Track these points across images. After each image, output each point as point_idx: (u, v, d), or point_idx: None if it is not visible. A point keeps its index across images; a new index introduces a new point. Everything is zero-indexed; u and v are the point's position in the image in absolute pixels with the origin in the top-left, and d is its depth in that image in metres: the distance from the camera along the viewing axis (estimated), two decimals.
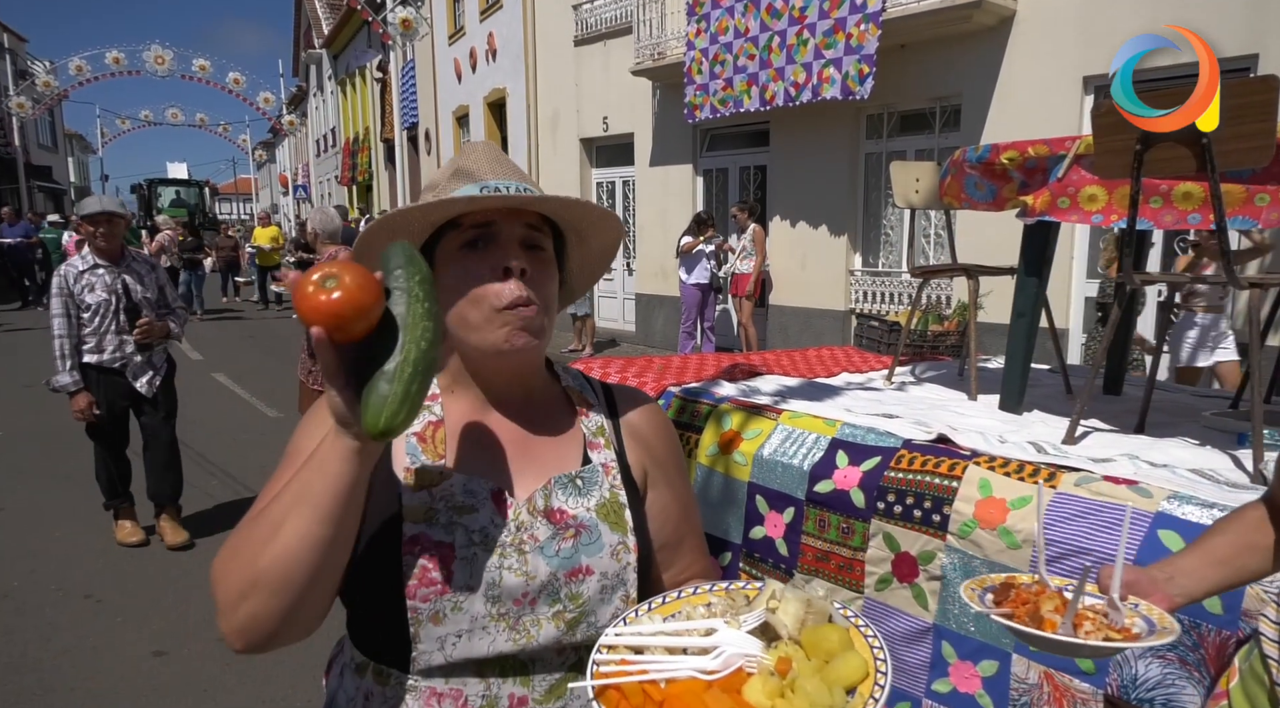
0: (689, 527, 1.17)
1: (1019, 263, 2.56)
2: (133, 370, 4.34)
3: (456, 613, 0.93)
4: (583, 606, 0.98)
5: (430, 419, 1.03)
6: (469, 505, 0.96)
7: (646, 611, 0.93)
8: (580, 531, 0.99)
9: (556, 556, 0.97)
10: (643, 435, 1.14)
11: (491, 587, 0.94)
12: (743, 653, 0.83)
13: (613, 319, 12.74)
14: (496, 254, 0.98)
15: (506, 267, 0.96)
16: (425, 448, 1.00)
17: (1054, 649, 0.99)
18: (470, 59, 16.37)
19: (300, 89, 35.66)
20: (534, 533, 0.97)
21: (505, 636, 0.95)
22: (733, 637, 0.85)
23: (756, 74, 8.97)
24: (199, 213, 25.55)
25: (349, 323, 0.78)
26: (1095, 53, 6.80)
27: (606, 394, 1.16)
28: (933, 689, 1.86)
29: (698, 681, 0.81)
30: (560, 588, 0.97)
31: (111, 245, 4.20)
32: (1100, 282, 6.49)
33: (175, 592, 3.93)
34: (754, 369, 2.95)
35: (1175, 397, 2.89)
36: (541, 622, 0.96)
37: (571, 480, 1.03)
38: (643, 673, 0.81)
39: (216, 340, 12.54)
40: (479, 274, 0.97)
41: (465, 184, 1.00)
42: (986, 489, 1.80)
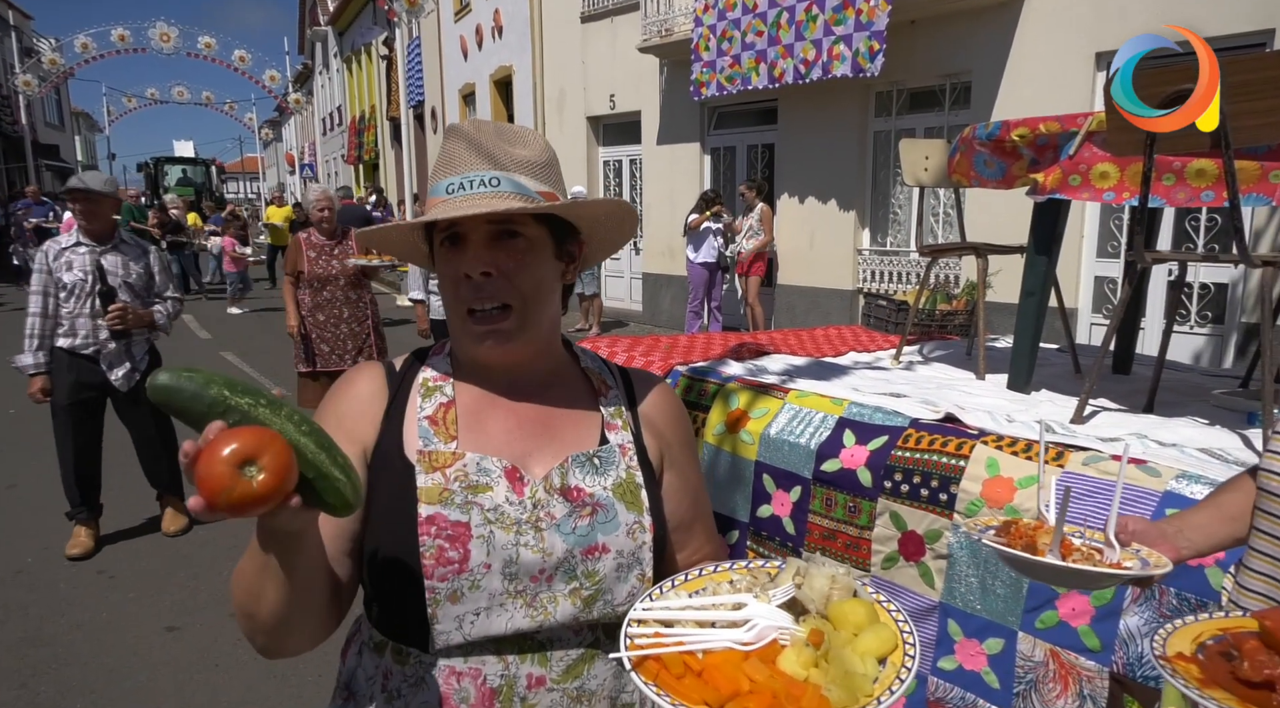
0: (700, 510, 1.19)
1: (1029, 241, 2.54)
2: (107, 359, 4.01)
3: (474, 591, 0.94)
4: (599, 583, 0.98)
5: (441, 401, 1.03)
6: (483, 484, 0.97)
7: (671, 587, 0.95)
8: (597, 509, 1.00)
9: (573, 533, 0.98)
10: (659, 419, 1.14)
11: (509, 564, 0.95)
12: (775, 625, 0.85)
13: (620, 299, 12.72)
14: (461, 257, 0.98)
15: (466, 273, 0.97)
16: (437, 430, 1.01)
17: (1041, 575, 0.99)
18: (476, 36, 16.24)
19: (306, 67, 35.47)
20: (550, 510, 0.98)
21: (523, 613, 0.96)
22: (763, 610, 0.87)
23: (765, 51, 8.87)
24: (206, 192, 25.55)
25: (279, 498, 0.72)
26: (1107, 28, 6.70)
27: (624, 378, 1.17)
28: (938, 667, 1.88)
29: (735, 651, 0.82)
30: (577, 565, 0.98)
31: (94, 224, 3.94)
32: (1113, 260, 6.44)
33: (187, 568, 3.97)
34: (761, 348, 2.95)
35: (1185, 376, 2.88)
36: (558, 599, 0.97)
37: (589, 459, 1.03)
38: (679, 644, 0.82)
39: (225, 319, 12.59)
40: (452, 271, 0.99)
41: (447, 175, 0.99)
42: (994, 468, 1.80)
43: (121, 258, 4.03)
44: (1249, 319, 6.21)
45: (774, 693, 0.76)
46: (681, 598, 0.92)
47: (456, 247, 0.99)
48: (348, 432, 1.01)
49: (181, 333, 11.26)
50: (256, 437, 0.71)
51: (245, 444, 0.70)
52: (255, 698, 2.95)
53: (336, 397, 1.06)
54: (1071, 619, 1.67)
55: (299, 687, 3.00)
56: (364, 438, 1.02)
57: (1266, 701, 0.71)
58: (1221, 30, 5.91)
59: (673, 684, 0.79)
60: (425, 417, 1.02)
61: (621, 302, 12.69)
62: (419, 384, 1.06)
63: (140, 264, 4.09)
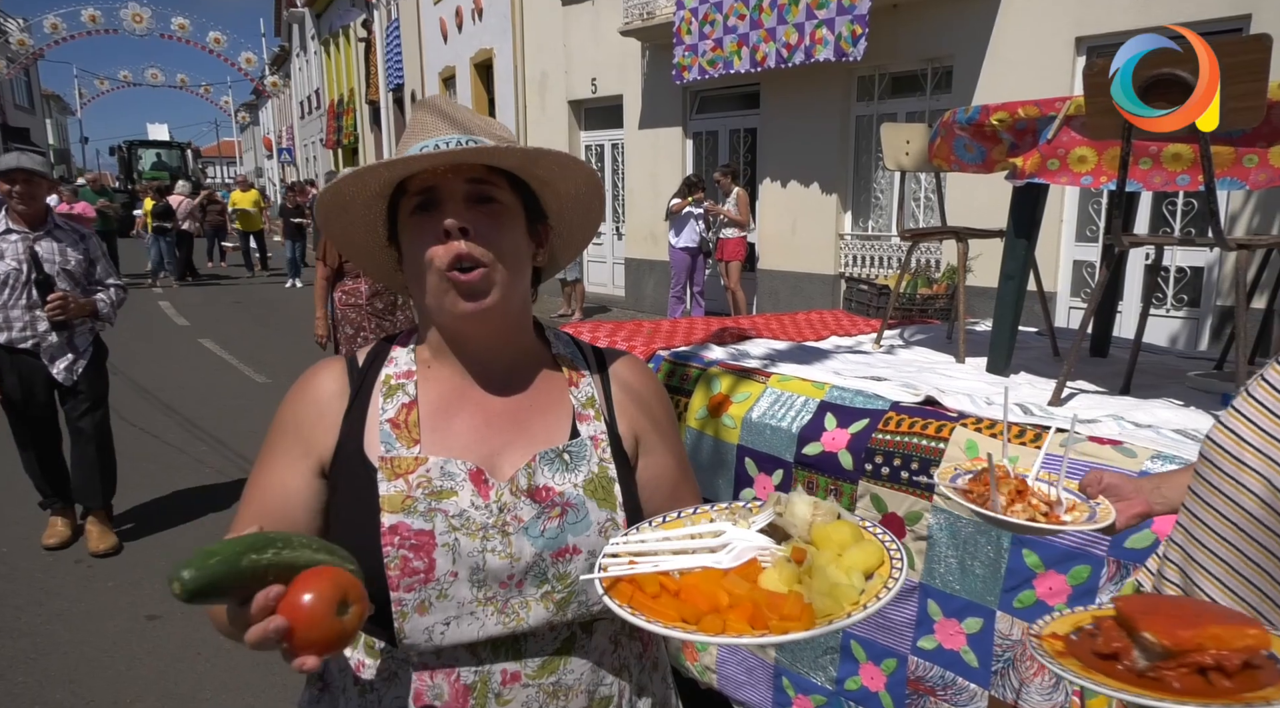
0: (688, 487, 1.14)
1: (1008, 225, 2.56)
2: (48, 352, 3.72)
3: (443, 601, 0.91)
4: (571, 585, 0.95)
5: (403, 401, 0.99)
6: (447, 489, 0.94)
7: (649, 527, 0.93)
8: (566, 509, 0.96)
9: (541, 536, 0.95)
10: (636, 399, 1.10)
11: (475, 571, 0.92)
12: (756, 546, 0.83)
13: (602, 284, 12.69)
14: (439, 216, 0.94)
15: (445, 228, 0.93)
16: (399, 434, 0.97)
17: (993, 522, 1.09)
18: (456, 18, 16.05)
19: (283, 49, 34.94)
20: (517, 513, 0.95)
21: (494, 619, 0.93)
22: (743, 534, 0.86)
23: (747, 34, 8.84)
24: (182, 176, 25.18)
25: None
26: (1087, 13, 6.72)
27: (598, 358, 1.12)
28: (918, 646, 1.90)
29: (713, 570, 0.81)
30: (547, 569, 0.95)
31: (30, 208, 3.65)
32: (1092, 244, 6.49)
33: (167, 556, 3.94)
34: (743, 333, 2.95)
35: (1161, 358, 2.91)
36: (530, 604, 0.94)
37: (558, 455, 0.99)
38: (654, 569, 0.81)
39: (203, 306, 12.45)
40: (424, 240, 0.94)
41: (417, 140, 0.97)
42: (973, 450, 1.82)
43: (57, 244, 3.72)
44: (1224, 302, 6.29)
45: (755, 604, 0.76)
46: (652, 532, 0.91)
47: (429, 212, 0.95)
48: (304, 441, 0.99)
49: (159, 320, 11.14)
50: (325, 580, 0.75)
51: (329, 592, 0.75)
52: (239, 684, 2.94)
53: (295, 401, 1.02)
54: (1049, 598, 1.70)
55: (283, 674, 2.99)
56: (321, 446, 0.99)
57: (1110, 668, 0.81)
58: (1199, 15, 5.94)
59: (647, 604, 0.78)
60: (387, 419, 0.98)
61: (604, 287, 12.66)
62: (381, 382, 1.01)
63: (78, 250, 3.77)
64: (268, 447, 1.01)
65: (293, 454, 0.99)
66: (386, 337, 1.08)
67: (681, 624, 0.75)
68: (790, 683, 2.15)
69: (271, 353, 8.72)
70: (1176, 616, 0.82)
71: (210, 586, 0.72)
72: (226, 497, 4.61)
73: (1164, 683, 0.78)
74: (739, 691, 2.27)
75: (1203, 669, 0.78)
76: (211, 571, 0.72)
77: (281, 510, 0.97)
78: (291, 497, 0.97)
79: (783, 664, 2.16)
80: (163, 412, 6.39)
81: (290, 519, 0.96)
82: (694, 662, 2.38)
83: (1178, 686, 0.77)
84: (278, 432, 1.01)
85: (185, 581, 0.71)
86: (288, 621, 0.73)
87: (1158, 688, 0.78)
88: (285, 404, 1.03)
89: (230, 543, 0.75)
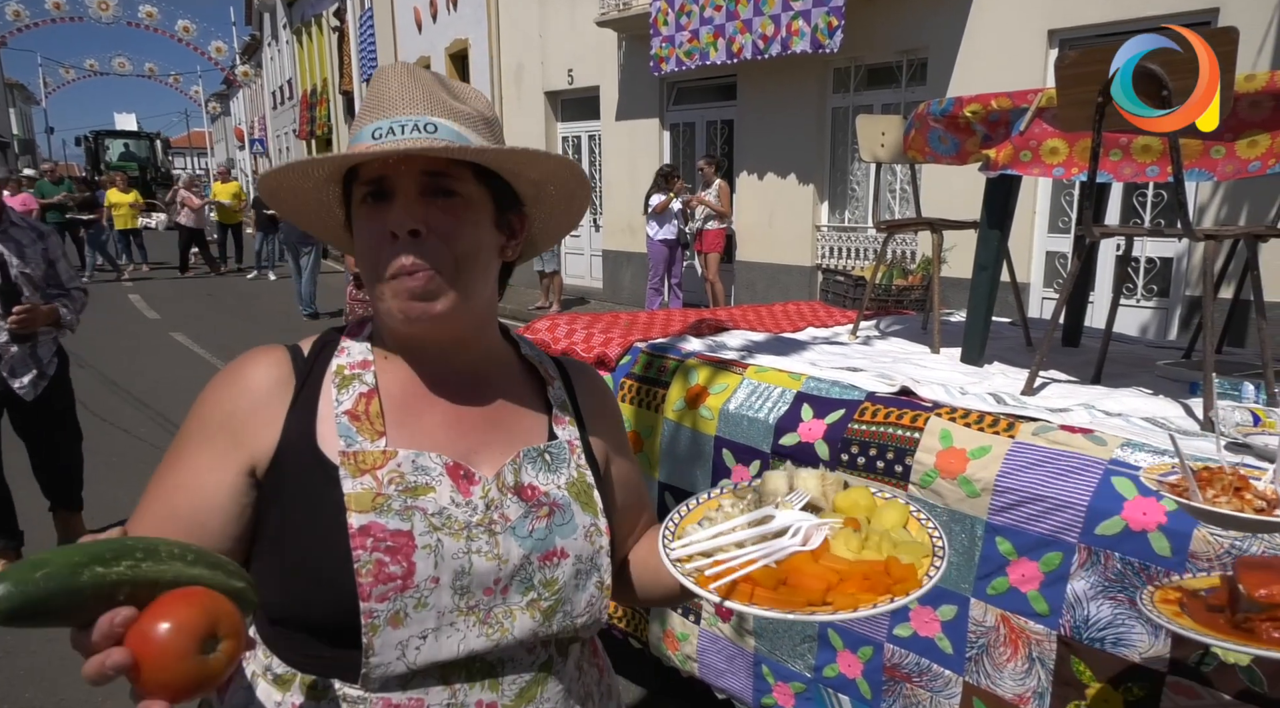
0: (643, 495, 1.13)
1: (981, 216, 2.58)
2: (8, 365, 3.32)
3: (421, 610, 0.81)
4: (558, 592, 0.89)
5: (361, 391, 0.89)
6: (423, 485, 0.85)
7: (672, 530, 0.91)
8: (554, 509, 0.90)
9: (529, 536, 0.88)
10: (601, 410, 1.07)
11: (460, 575, 0.83)
12: (816, 524, 0.86)
13: (580, 276, 12.65)
14: (386, 213, 0.84)
15: (392, 231, 0.83)
16: (360, 426, 0.86)
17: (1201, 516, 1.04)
18: (430, 8, 15.88)
19: (254, 38, 34.37)
20: (505, 511, 0.87)
21: (476, 631, 0.84)
22: (795, 515, 0.87)
23: (723, 26, 8.83)
24: (150, 167, 24.74)
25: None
26: (1059, 7, 6.79)
27: (559, 367, 1.07)
28: (894, 634, 1.92)
29: (801, 553, 0.82)
30: (534, 574, 0.88)
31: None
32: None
33: None
34: (720, 324, 2.96)
35: (1131, 348, 2.96)
36: (515, 612, 0.86)
37: (540, 454, 0.93)
38: (751, 563, 0.81)
39: (174, 299, 12.27)
40: (371, 237, 0.85)
41: (374, 119, 0.86)
42: (947, 440, 1.84)
43: (14, 244, 3.31)
44: (1192, 292, 6.40)
45: (863, 576, 0.79)
46: (700, 531, 0.89)
47: (381, 203, 0.85)
48: (233, 435, 0.86)
49: (129, 314, 10.96)
50: (190, 605, 0.61)
51: (192, 622, 0.60)
52: None
53: (224, 389, 0.89)
54: (1021, 585, 1.72)
55: None
56: (257, 444, 0.86)
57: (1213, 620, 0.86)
58: (1169, 8, 6.02)
59: (771, 598, 0.78)
60: (344, 411, 0.87)
61: (582, 279, 12.63)
62: (332, 373, 0.90)
63: (36, 250, 3.36)
64: (182, 440, 0.88)
65: (215, 449, 0.86)
66: (332, 328, 0.98)
67: (820, 609, 0.77)
68: (770, 671, 2.16)
69: (245, 347, 8.54)
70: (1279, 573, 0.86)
71: (35, 605, 0.56)
72: None
73: (1254, 633, 0.82)
74: (720, 679, 2.29)
75: None
76: (36, 587, 0.56)
77: (190, 514, 0.84)
78: (207, 498, 0.85)
79: (762, 653, 2.18)
80: (134, 407, 6.29)
81: (200, 525, 0.84)
82: (675, 651, 2.39)
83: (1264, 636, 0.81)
84: (197, 423, 0.88)
85: (5, 597, 0.55)
86: (133, 654, 0.59)
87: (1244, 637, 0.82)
88: (210, 393, 0.89)
89: (68, 551, 0.60)
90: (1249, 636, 0.82)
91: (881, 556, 0.81)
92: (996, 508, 1.74)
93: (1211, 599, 0.90)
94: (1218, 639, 0.83)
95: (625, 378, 2.55)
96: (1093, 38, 6.62)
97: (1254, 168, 1.92)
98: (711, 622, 2.28)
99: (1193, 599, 0.92)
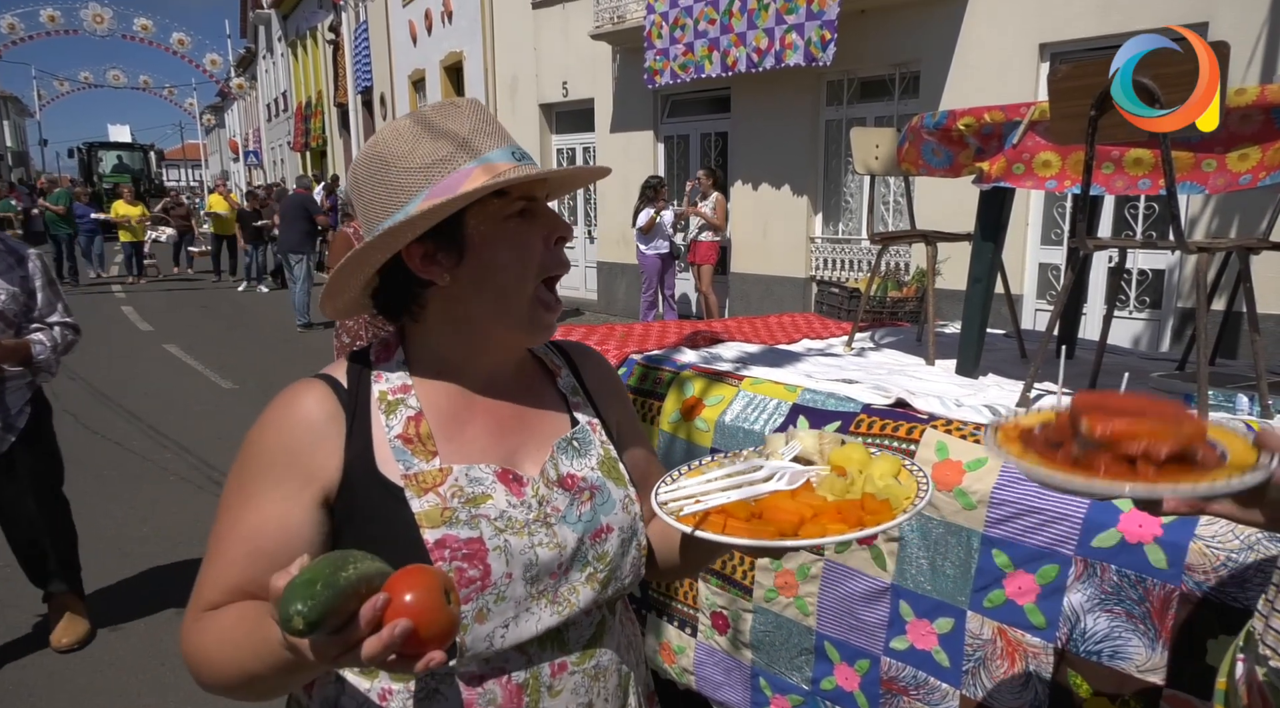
0: (654, 456, 1.22)
1: (975, 229, 2.59)
2: None
3: (500, 604, 0.91)
4: (610, 563, 1.00)
5: (408, 415, 0.95)
6: (481, 494, 0.93)
7: (680, 476, 0.98)
8: (594, 491, 1.01)
9: (580, 521, 0.98)
10: (609, 387, 1.15)
11: (529, 568, 0.93)
12: (798, 470, 0.90)
13: (574, 288, 12.66)
14: (544, 222, 0.96)
15: (560, 235, 0.96)
16: (414, 449, 0.93)
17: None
18: (425, 21, 15.95)
19: (249, 51, 34.48)
20: (555, 504, 0.97)
21: (549, 611, 0.95)
22: (782, 463, 0.92)
23: (717, 39, 8.88)
24: (144, 179, 24.70)
25: None
26: (1051, 20, 6.84)
27: (561, 352, 1.15)
28: (891, 647, 1.91)
29: (781, 492, 0.87)
30: (588, 551, 0.98)
31: None
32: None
33: (129, 565, 3.86)
34: (715, 336, 2.96)
35: (1125, 359, 2.97)
36: (578, 588, 0.97)
37: (569, 443, 1.03)
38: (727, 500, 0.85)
39: (167, 310, 12.22)
40: (529, 245, 0.94)
41: (499, 144, 0.93)
42: (943, 452, 1.83)
43: None
44: (1185, 304, 6.43)
45: (838, 509, 0.83)
46: (696, 479, 0.94)
47: (536, 216, 0.96)
48: (302, 470, 0.91)
49: (122, 325, 10.92)
50: (419, 575, 0.75)
51: (431, 584, 0.74)
52: (206, 696, 2.89)
53: (280, 427, 0.93)
54: (1018, 598, 1.72)
55: None
56: (325, 474, 0.92)
57: (1052, 455, 0.88)
58: (1157, 21, 6.08)
59: (744, 529, 0.82)
60: (396, 436, 0.94)
61: (576, 290, 12.63)
62: (376, 399, 0.96)
63: (10, 279, 2.77)
64: (248, 482, 0.92)
65: (289, 486, 0.91)
66: (352, 354, 1.02)
67: (793, 536, 0.81)
68: (767, 683, 2.15)
69: (239, 359, 8.59)
70: (1120, 409, 0.88)
71: (327, 612, 0.69)
72: (192, 505, 4.53)
73: (1091, 467, 0.84)
74: (717, 691, 2.27)
75: (1133, 459, 0.83)
76: (323, 598, 0.69)
77: (281, 550, 0.88)
78: (294, 533, 0.90)
79: (759, 665, 2.17)
80: (125, 419, 6.26)
81: (291, 558, 0.86)
82: (672, 664, 2.38)
83: (1102, 470, 0.83)
84: (263, 463, 0.92)
85: (305, 613, 0.67)
86: (412, 621, 0.70)
87: (1081, 470, 0.85)
88: (267, 431, 0.93)
89: (317, 568, 0.70)
90: (1087, 469, 0.85)
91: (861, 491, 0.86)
92: (993, 520, 1.74)
93: (1051, 434, 0.92)
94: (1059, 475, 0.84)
95: None
96: (1084, 51, 6.68)
97: (1245, 181, 1.93)
98: (708, 635, 2.27)
99: (1032, 437, 0.94)
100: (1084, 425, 0.86)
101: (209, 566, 0.91)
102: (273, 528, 0.90)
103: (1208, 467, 0.83)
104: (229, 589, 0.90)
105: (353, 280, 0.97)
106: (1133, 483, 0.81)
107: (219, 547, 0.91)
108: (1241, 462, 0.84)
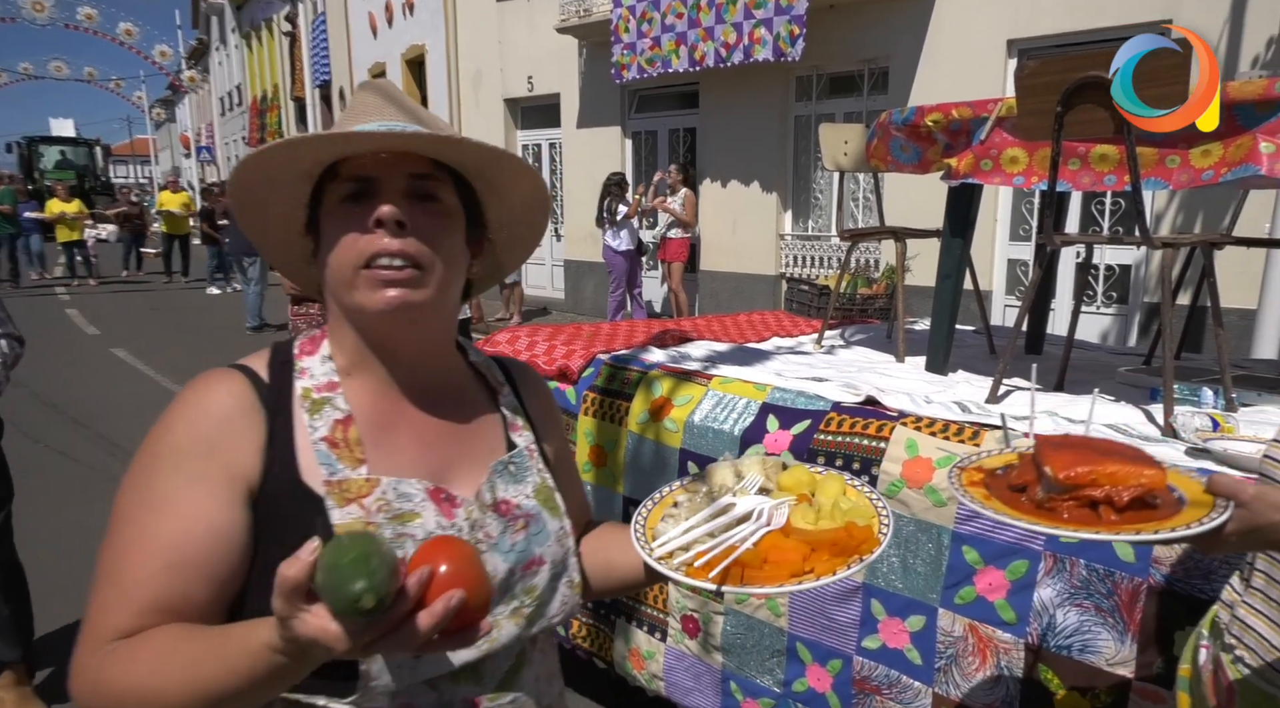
0: (581, 485, 1.18)
1: (944, 225, 2.59)
2: None
3: None
4: (538, 598, 0.93)
5: (335, 417, 0.87)
6: (409, 512, 0.85)
7: (642, 529, 0.96)
8: (529, 520, 0.94)
9: (512, 550, 0.91)
10: (547, 410, 1.09)
11: None
12: (774, 505, 0.92)
13: (541, 286, 12.57)
14: (372, 207, 0.83)
15: (379, 217, 0.82)
16: (340, 453, 0.85)
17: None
18: (386, 13, 15.71)
19: (201, 42, 33.66)
20: (487, 530, 0.90)
21: None
22: (753, 500, 0.94)
23: (685, 33, 8.85)
24: (89, 175, 23.94)
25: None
26: (1019, 16, 6.91)
27: (503, 369, 1.07)
28: (863, 646, 1.90)
29: (771, 533, 0.88)
30: (516, 584, 0.91)
31: None
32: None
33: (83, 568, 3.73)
34: (684, 335, 2.93)
35: (1093, 355, 2.99)
36: (501, 623, 0.90)
37: (506, 466, 0.95)
38: (733, 549, 0.86)
39: (116, 314, 11.82)
40: (350, 229, 0.83)
41: (361, 121, 0.87)
42: (913, 449, 1.82)
43: None
44: (1151, 299, 6.54)
45: (832, 543, 0.86)
46: (671, 528, 0.94)
47: (361, 202, 0.84)
48: (224, 464, 0.82)
49: (67, 329, 10.58)
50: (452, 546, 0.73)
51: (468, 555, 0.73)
52: None
53: (192, 419, 0.83)
54: (988, 594, 1.71)
55: None
56: (248, 470, 0.83)
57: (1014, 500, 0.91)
58: (1121, 19, 6.17)
59: (762, 576, 0.85)
60: (321, 438, 0.85)
61: (543, 289, 12.55)
62: (299, 397, 0.87)
63: None
64: (158, 485, 0.81)
65: (211, 483, 0.81)
66: (275, 345, 0.94)
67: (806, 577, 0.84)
68: (738, 687, 2.13)
69: (189, 361, 8.34)
70: (1082, 454, 0.90)
71: (387, 587, 0.65)
72: None
73: (1055, 513, 0.87)
74: (687, 697, 2.25)
75: (1095, 504, 0.87)
76: (383, 573, 0.65)
77: (211, 558, 0.79)
78: (224, 536, 0.80)
79: (729, 669, 2.14)
80: (70, 427, 6.05)
81: (219, 566, 0.80)
82: (640, 670, 2.35)
83: (1066, 516, 0.87)
84: (175, 461, 0.82)
85: (375, 588, 0.64)
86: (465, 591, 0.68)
87: (1045, 517, 0.87)
88: (176, 426, 0.83)
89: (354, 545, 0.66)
90: (1051, 515, 0.88)
91: (835, 522, 0.88)
92: (963, 517, 1.74)
93: (1013, 478, 0.94)
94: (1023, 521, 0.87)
95: (588, 390, 2.50)
96: (1051, 48, 6.76)
97: (1207, 177, 1.94)
98: (678, 639, 2.24)
99: (995, 479, 0.97)
100: (1048, 471, 0.89)
101: (110, 587, 0.79)
102: (201, 530, 0.79)
103: (1167, 510, 0.86)
104: (146, 610, 0.78)
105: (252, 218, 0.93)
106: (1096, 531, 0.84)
107: (124, 564, 0.79)
108: (1198, 504, 0.87)
